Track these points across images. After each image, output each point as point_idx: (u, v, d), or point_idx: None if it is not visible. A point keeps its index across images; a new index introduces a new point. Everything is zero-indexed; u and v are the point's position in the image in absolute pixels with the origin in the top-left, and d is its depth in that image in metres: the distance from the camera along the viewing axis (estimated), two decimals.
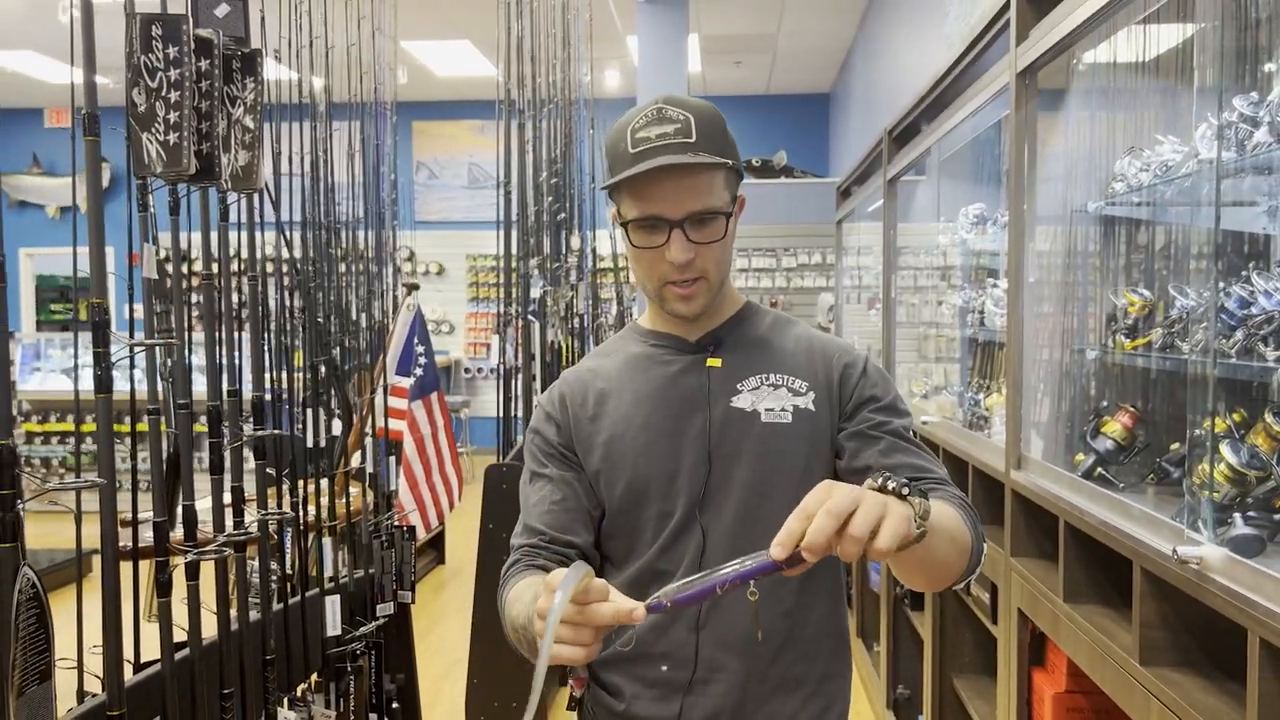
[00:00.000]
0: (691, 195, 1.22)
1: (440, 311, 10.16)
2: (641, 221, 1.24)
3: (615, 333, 6.24)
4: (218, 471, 1.64)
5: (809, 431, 1.30)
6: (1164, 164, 1.96)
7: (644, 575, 1.29)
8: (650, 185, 1.22)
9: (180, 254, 1.71)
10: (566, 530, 1.31)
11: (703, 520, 1.27)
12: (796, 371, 1.32)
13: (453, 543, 6.25)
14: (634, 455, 1.30)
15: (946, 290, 3.78)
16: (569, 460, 1.34)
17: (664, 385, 1.32)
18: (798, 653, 1.30)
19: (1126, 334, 2.06)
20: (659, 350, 1.36)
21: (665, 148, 1.20)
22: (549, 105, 4.48)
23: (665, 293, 1.28)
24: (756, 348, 1.35)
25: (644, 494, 1.29)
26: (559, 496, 1.32)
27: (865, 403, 1.32)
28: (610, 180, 1.24)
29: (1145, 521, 1.63)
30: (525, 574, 1.26)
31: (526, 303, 3.94)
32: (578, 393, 1.36)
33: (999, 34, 2.41)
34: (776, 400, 1.30)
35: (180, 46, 1.45)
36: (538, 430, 1.38)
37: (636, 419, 1.31)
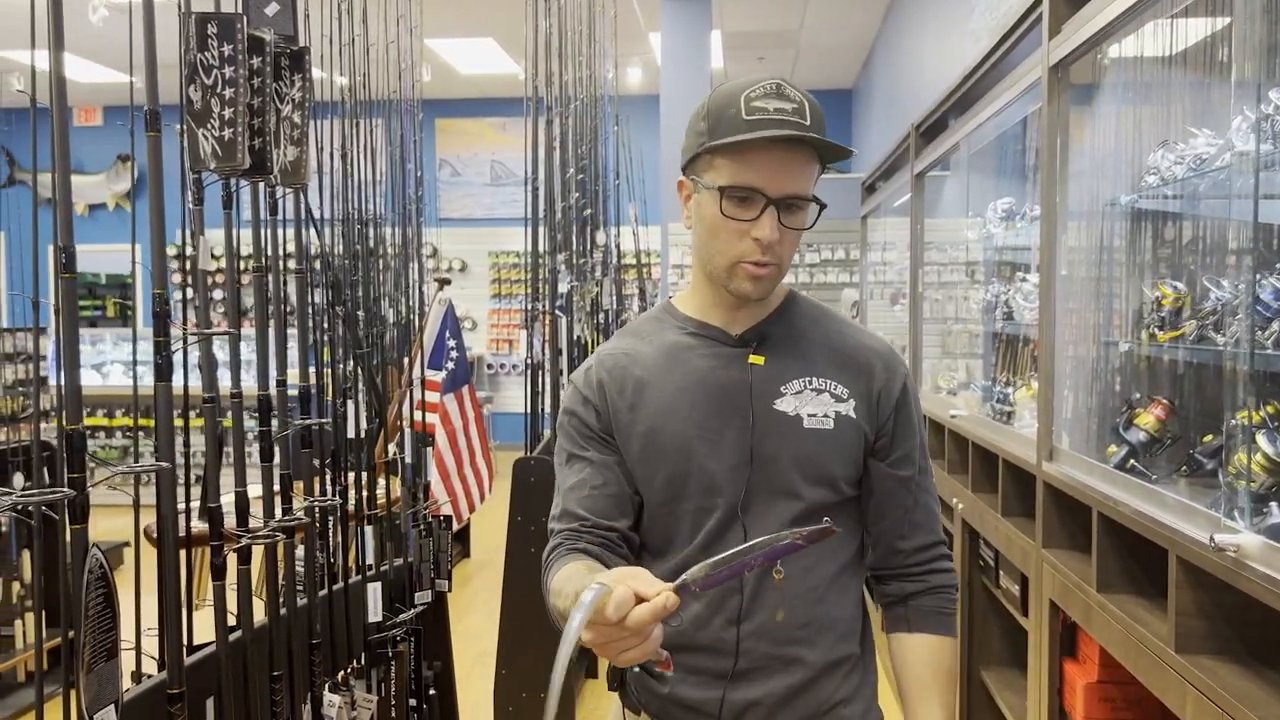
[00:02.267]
0: (794, 176, 1.23)
1: (463, 308, 10.22)
2: (737, 191, 1.22)
3: None
4: (268, 459, 1.68)
5: (848, 439, 1.31)
6: (1198, 156, 1.97)
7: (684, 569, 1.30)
8: (759, 155, 1.21)
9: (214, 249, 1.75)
10: (607, 516, 1.31)
11: (745, 521, 1.28)
12: (840, 376, 1.33)
13: (478, 535, 6.30)
14: (673, 450, 1.29)
15: (973, 285, 3.79)
16: (609, 444, 1.33)
17: (704, 379, 1.31)
18: (835, 636, 1.33)
19: (1159, 326, 2.07)
20: (699, 341, 1.34)
21: (783, 123, 1.20)
22: (574, 102, 4.51)
23: (737, 270, 1.26)
24: (800, 347, 1.34)
25: (682, 489, 1.30)
26: (600, 481, 1.32)
27: (905, 435, 1.35)
28: (724, 140, 1.21)
29: (1181, 511, 1.65)
30: (568, 559, 1.27)
31: (554, 298, 3.98)
32: (615, 379, 1.34)
33: (1031, 28, 2.42)
34: (819, 405, 1.30)
35: (235, 45, 1.48)
36: (574, 412, 1.36)
37: (677, 413, 1.30)
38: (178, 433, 1.51)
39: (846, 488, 1.33)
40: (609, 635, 0.99)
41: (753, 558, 1.00)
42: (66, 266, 1.15)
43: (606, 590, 0.96)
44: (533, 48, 4.14)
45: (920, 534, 1.38)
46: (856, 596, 1.39)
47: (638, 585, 0.99)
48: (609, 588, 0.97)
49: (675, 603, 0.98)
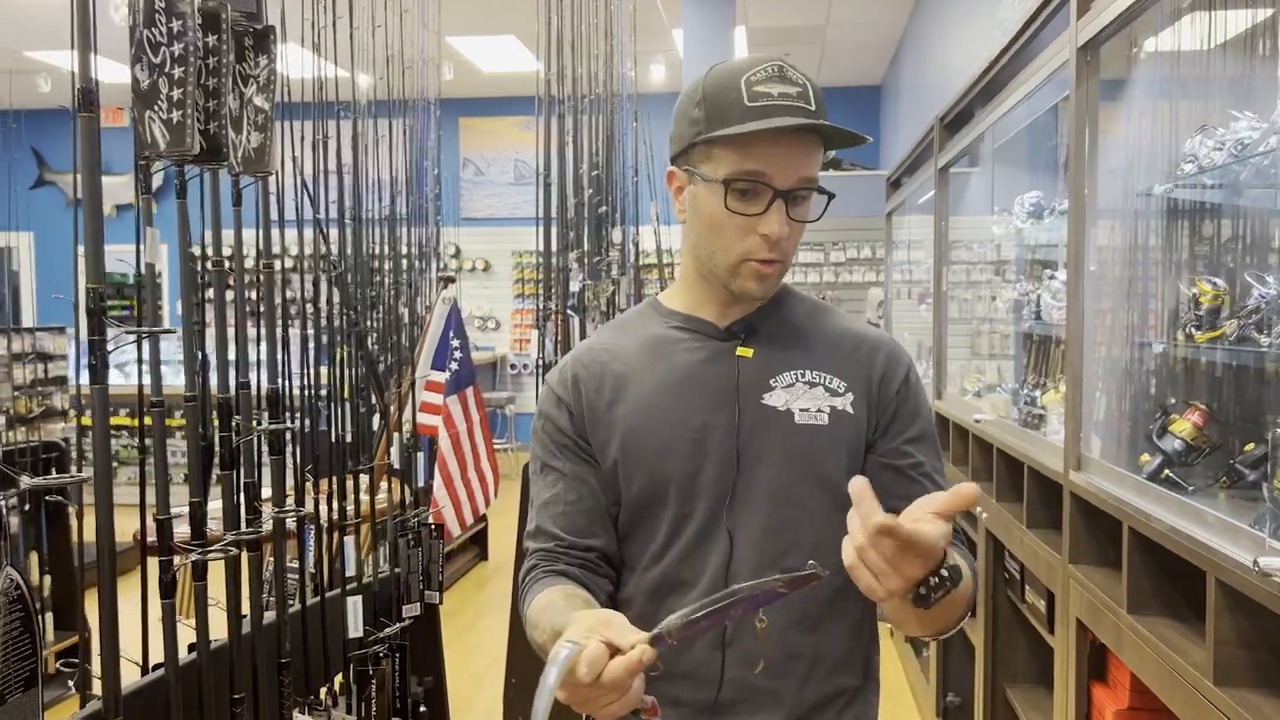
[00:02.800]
0: (803, 165, 1.13)
1: (486, 308, 10.16)
2: (742, 182, 1.12)
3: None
4: (228, 467, 1.57)
5: (845, 436, 1.19)
6: (1239, 142, 1.82)
7: (665, 584, 1.19)
8: (766, 144, 1.11)
9: (202, 254, 1.65)
10: (584, 534, 1.21)
11: (730, 528, 1.17)
12: (835, 369, 1.21)
13: (495, 539, 6.21)
14: (653, 451, 1.19)
15: (1001, 284, 3.63)
16: (582, 452, 1.23)
17: (689, 374, 1.21)
18: (828, 668, 1.20)
19: (1197, 326, 1.92)
20: (683, 334, 1.24)
21: (789, 109, 1.10)
22: (590, 99, 4.40)
23: (742, 268, 1.16)
24: (792, 339, 1.23)
25: (662, 493, 1.19)
26: (573, 496, 1.22)
27: (904, 426, 1.22)
28: (728, 130, 1.11)
29: (1221, 529, 1.50)
30: (545, 582, 1.18)
31: (565, 297, 3.87)
32: (593, 375, 1.24)
33: (1059, 8, 2.27)
34: (812, 400, 1.19)
35: (184, 20, 1.38)
36: (547, 415, 1.26)
37: (658, 410, 1.20)
38: (113, 437, 1.41)
39: (843, 492, 1.20)
40: (585, 694, 0.91)
41: (733, 607, 0.90)
42: None
43: (578, 649, 0.90)
44: (546, 43, 4.04)
45: None
46: (855, 621, 1.24)
47: (611, 636, 0.91)
48: (581, 645, 0.90)
49: (651, 656, 0.91)
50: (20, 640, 1.09)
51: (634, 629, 0.93)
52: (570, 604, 1.09)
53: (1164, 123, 2.08)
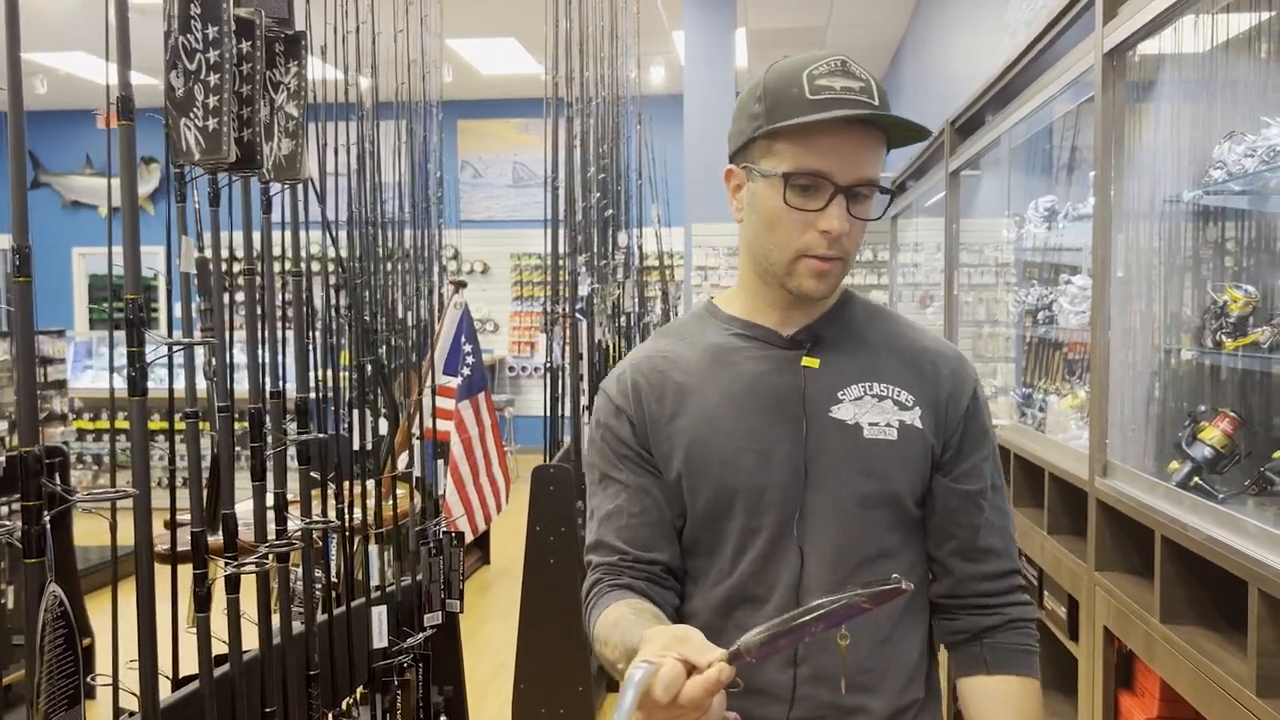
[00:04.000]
0: (865, 161, 1.10)
1: (485, 310, 10.14)
2: (802, 177, 1.09)
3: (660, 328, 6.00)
4: (259, 478, 1.55)
5: (914, 451, 1.17)
6: (1271, 148, 1.81)
7: (734, 599, 1.17)
8: (827, 138, 1.08)
9: (224, 249, 1.63)
10: (648, 547, 1.18)
11: (801, 543, 1.15)
12: (903, 382, 1.19)
13: (498, 543, 6.19)
14: (719, 464, 1.16)
15: (1014, 287, 3.62)
16: (645, 463, 1.20)
17: (754, 385, 1.18)
18: (902, 681, 1.18)
19: (1228, 333, 1.91)
20: (746, 343, 1.20)
21: (852, 103, 1.08)
22: (595, 101, 4.39)
23: (799, 266, 1.13)
24: (858, 349, 1.20)
25: (729, 507, 1.16)
26: (637, 509, 1.19)
27: (974, 447, 1.21)
28: (789, 122, 1.08)
29: (1262, 538, 1.49)
30: (611, 596, 1.15)
31: (574, 301, 3.85)
32: (654, 385, 1.21)
33: (1083, 11, 2.26)
34: (881, 414, 1.16)
35: (220, 26, 1.36)
36: (607, 426, 1.22)
37: (723, 423, 1.17)
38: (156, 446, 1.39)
39: (912, 506, 1.19)
40: (664, 715, 0.88)
41: (814, 623, 0.87)
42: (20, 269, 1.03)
43: (654, 669, 0.87)
44: (553, 46, 4.03)
45: (993, 559, 1.22)
46: (924, 633, 1.24)
47: (688, 653, 0.89)
48: (656, 665, 0.87)
49: (730, 675, 0.88)
50: (64, 658, 1.07)
51: (711, 646, 0.90)
52: (640, 619, 1.06)
53: (1192, 128, 2.08)
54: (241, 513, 1.62)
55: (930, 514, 1.20)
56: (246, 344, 1.57)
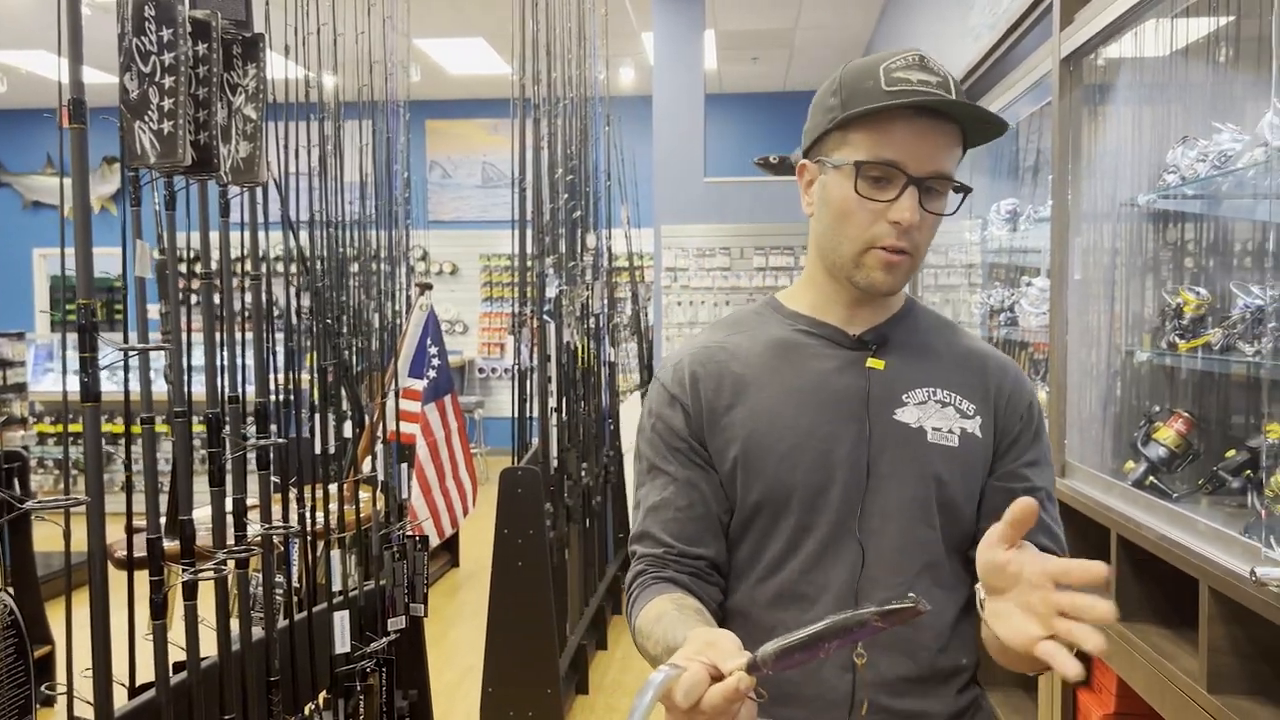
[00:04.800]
0: (939, 154, 1.09)
1: (454, 311, 10.08)
2: (875, 167, 1.09)
3: (629, 331, 6.05)
4: (218, 483, 1.54)
5: (973, 461, 1.16)
6: (1222, 153, 1.84)
7: (783, 596, 1.15)
8: (901, 128, 1.08)
9: (182, 252, 1.61)
10: (694, 542, 1.17)
11: (863, 543, 1.14)
12: (965, 390, 1.18)
13: (467, 545, 6.16)
14: (776, 459, 1.14)
15: (976, 289, 3.66)
16: (696, 455, 1.18)
17: (817, 382, 1.16)
18: (959, 684, 1.17)
19: (1181, 335, 1.94)
20: (810, 340, 1.19)
21: (928, 95, 1.07)
22: (564, 102, 4.38)
23: (868, 257, 1.12)
24: (922, 354, 1.20)
25: (784, 504, 1.15)
26: (684, 502, 1.17)
27: (1024, 450, 1.19)
28: (861, 109, 1.08)
29: (1213, 537, 1.52)
30: (655, 589, 1.14)
31: (542, 302, 3.85)
32: (711, 375, 1.19)
33: (1040, 18, 2.29)
34: (944, 420, 1.16)
35: (175, 29, 1.35)
36: (660, 415, 1.21)
37: (783, 417, 1.15)
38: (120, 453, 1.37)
39: (967, 516, 1.18)
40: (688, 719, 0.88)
41: (829, 639, 0.86)
42: None
43: (677, 673, 0.86)
44: (520, 47, 4.01)
45: None
46: (975, 639, 1.21)
47: (715, 658, 0.88)
48: (680, 669, 0.87)
49: (749, 684, 0.87)
50: (15, 667, 1.05)
51: (740, 652, 0.89)
52: (683, 615, 1.06)
53: (1148, 133, 2.11)
54: (203, 518, 1.61)
55: (981, 517, 1.18)
56: (205, 348, 1.56)
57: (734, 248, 7.37)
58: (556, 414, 3.93)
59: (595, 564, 4.61)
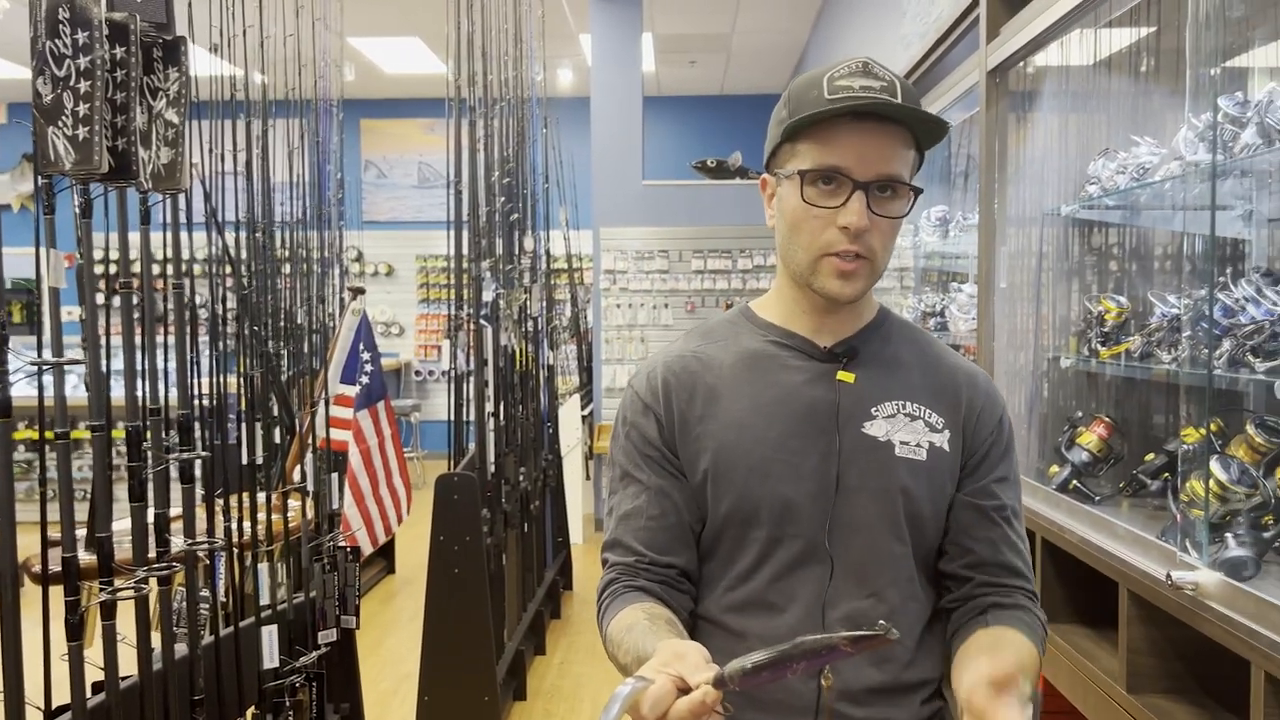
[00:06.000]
0: (885, 157, 1.09)
1: (390, 313, 9.95)
2: (821, 174, 1.10)
3: (568, 334, 6.02)
4: (138, 498, 1.49)
5: (940, 475, 1.17)
6: (1140, 166, 1.90)
7: (751, 606, 1.16)
8: (845, 134, 1.08)
9: (104, 259, 1.56)
10: (665, 551, 1.17)
11: (832, 555, 1.14)
12: (934, 404, 1.19)
13: (403, 551, 6.08)
14: (746, 471, 1.15)
15: (908, 294, 3.72)
16: (669, 464, 1.19)
17: (788, 394, 1.17)
18: (924, 695, 1.18)
19: (1102, 342, 1.99)
20: (782, 351, 1.20)
21: (870, 101, 1.07)
22: (500, 103, 4.35)
23: (822, 265, 1.12)
24: (893, 367, 1.20)
25: (753, 516, 1.15)
26: (656, 511, 1.18)
27: (993, 467, 1.20)
28: (800, 117, 1.09)
29: (1132, 541, 1.56)
30: (626, 598, 1.14)
31: (479, 306, 3.81)
32: (684, 385, 1.20)
33: (968, 31, 2.34)
34: (913, 434, 1.16)
35: (91, 31, 1.30)
36: (634, 424, 1.22)
37: (753, 429, 1.16)
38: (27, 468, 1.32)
39: (932, 529, 1.19)
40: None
41: (796, 660, 0.87)
42: None
43: (644, 685, 0.87)
44: (455, 47, 3.98)
45: (1009, 575, 1.19)
46: (941, 652, 1.23)
47: (682, 671, 0.89)
48: (648, 682, 0.87)
49: (715, 699, 0.88)
50: None
51: (707, 666, 0.89)
52: (654, 625, 1.06)
53: (1071, 144, 2.16)
54: (125, 531, 1.56)
55: (946, 532, 1.20)
56: (124, 360, 1.51)
57: (672, 251, 7.39)
58: (494, 418, 3.90)
59: (534, 569, 4.59)
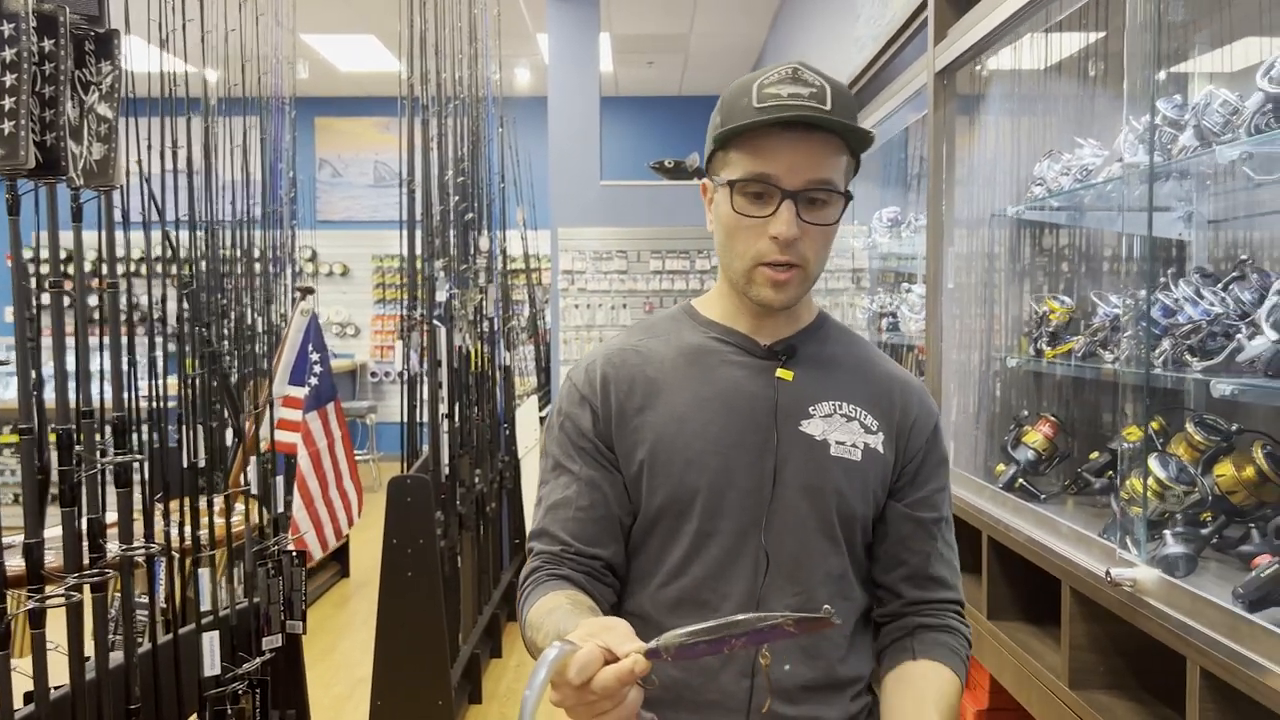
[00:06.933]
0: (814, 165, 1.09)
1: (345, 314, 9.84)
2: (750, 183, 1.10)
3: (526, 334, 5.97)
4: (68, 503, 1.45)
5: (873, 476, 1.18)
6: (1084, 168, 1.92)
7: (684, 602, 1.15)
8: (772, 142, 1.08)
9: (34, 259, 1.52)
10: (592, 542, 1.17)
11: (768, 551, 1.14)
12: (870, 406, 1.19)
13: (357, 554, 6.02)
14: (683, 464, 1.15)
15: (860, 294, 3.74)
16: (601, 456, 1.19)
17: (728, 389, 1.17)
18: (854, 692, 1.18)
19: (1047, 342, 2.02)
20: (723, 346, 1.20)
21: (798, 109, 1.07)
22: (454, 102, 4.31)
23: (755, 274, 1.12)
24: (831, 368, 1.21)
25: (687, 509, 1.15)
26: (585, 502, 1.17)
27: (929, 477, 1.21)
28: (728, 127, 1.09)
29: (1074, 539, 1.57)
30: (549, 585, 1.13)
31: (432, 306, 3.78)
32: (623, 377, 1.20)
33: (916, 33, 2.35)
34: (848, 434, 1.17)
35: (17, 23, 1.26)
36: (569, 415, 1.21)
37: (692, 423, 1.16)
38: None
39: (866, 529, 1.19)
40: (576, 698, 0.88)
41: (736, 637, 0.87)
42: None
43: (571, 649, 0.86)
44: (408, 44, 3.94)
45: (941, 589, 1.21)
46: (872, 650, 1.24)
47: (610, 641, 0.88)
48: (575, 646, 0.87)
49: (645, 667, 0.87)
50: None
51: (634, 638, 0.89)
52: (576, 609, 1.05)
53: (1019, 145, 2.19)
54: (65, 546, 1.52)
55: (880, 540, 1.21)
56: (54, 362, 1.47)
57: (630, 251, 7.39)
58: (448, 420, 3.86)
59: (490, 571, 4.56)
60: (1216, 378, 1.39)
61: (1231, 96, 1.46)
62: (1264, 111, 1.33)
